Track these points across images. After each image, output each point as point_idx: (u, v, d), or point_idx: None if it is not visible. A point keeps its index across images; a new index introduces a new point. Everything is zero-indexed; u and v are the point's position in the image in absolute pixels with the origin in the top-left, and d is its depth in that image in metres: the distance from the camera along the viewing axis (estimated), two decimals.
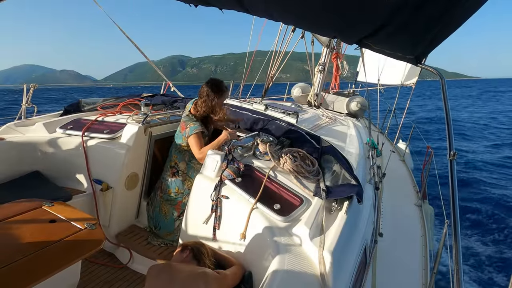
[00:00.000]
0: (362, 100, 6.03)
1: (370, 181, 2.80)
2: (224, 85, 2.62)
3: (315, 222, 1.85)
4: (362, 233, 2.03)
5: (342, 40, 1.68)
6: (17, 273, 1.34)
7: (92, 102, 3.64)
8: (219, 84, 2.59)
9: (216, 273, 1.72)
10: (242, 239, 1.94)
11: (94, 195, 2.74)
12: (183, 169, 2.71)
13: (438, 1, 1.08)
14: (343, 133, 4.09)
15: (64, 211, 1.81)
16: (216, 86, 2.56)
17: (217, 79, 2.65)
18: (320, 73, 6.06)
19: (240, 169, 2.22)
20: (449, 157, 1.55)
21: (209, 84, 2.56)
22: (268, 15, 1.59)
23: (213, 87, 2.54)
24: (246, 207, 1.98)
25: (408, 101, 6.75)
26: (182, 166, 2.71)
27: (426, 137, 10.22)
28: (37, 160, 2.86)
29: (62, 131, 2.97)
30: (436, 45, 1.33)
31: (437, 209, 4.99)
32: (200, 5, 1.74)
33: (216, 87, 2.55)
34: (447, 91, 1.69)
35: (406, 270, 3.00)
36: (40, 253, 1.47)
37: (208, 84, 2.57)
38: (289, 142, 2.67)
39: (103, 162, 2.79)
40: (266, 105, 3.86)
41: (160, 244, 2.66)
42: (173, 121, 3.24)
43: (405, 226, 3.76)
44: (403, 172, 5.68)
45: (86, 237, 1.64)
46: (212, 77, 2.66)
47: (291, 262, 1.60)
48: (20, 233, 1.57)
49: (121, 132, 2.85)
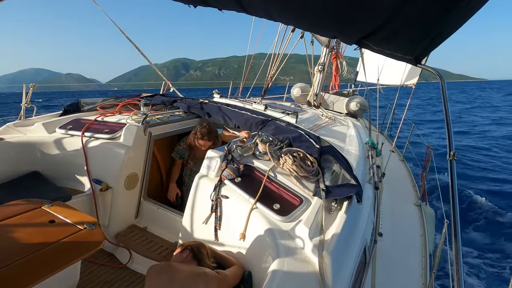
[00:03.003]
0: (361, 100, 6.03)
1: (370, 181, 2.80)
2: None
3: (314, 222, 1.85)
4: (361, 233, 2.03)
5: (341, 40, 1.68)
6: (16, 273, 1.34)
7: (91, 102, 3.63)
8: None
9: (216, 273, 1.72)
10: (241, 239, 1.95)
11: (94, 195, 2.73)
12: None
13: (439, 0, 1.08)
14: (342, 133, 4.09)
15: (64, 211, 1.81)
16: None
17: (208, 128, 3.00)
18: (319, 73, 6.06)
19: (239, 169, 2.22)
20: (449, 157, 1.55)
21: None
22: (268, 15, 1.59)
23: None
24: (245, 207, 1.98)
25: (408, 101, 6.75)
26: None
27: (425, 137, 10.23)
28: (37, 160, 2.85)
29: (62, 131, 2.97)
30: (436, 45, 1.33)
31: (437, 209, 4.99)
32: (200, 6, 1.73)
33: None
34: (447, 92, 1.70)
35: (406, 269, 3.01)
36: (40, 253, 1.47)
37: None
38: (288, 142, 2.67)
39: (102, 162, 2.78)
40: (265, 105, 3.86)
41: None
42: (172, 121, 3.24)
43: (405, 226, 3.76)
44: (403, 172, 5.68)
45: (85, 237, 1.64)
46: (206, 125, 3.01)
47: (291, 262, 1.60)
48: (20, 233, 1.57)
49: (120, 132, 2.84)
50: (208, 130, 2.96)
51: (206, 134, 2.94)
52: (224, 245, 2.09)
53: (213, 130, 3.00)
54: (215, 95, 4.44)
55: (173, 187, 3.26)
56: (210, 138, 2.97)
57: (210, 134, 2.96)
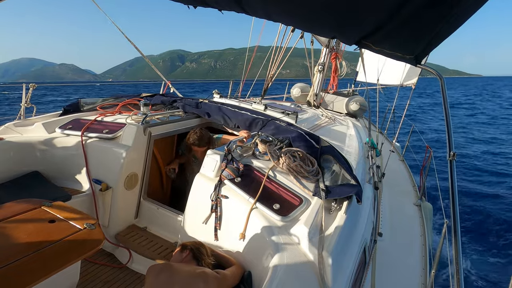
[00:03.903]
0: (361, 100, 6.04)
1: (370, 181, 2.80)
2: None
3: (314, 222, 1.85)
4: (361, 232, 2.03)
5: (341, 41, 1.68)
6: (16, 273, 1.34)
7: (91, 102, 3.63)
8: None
9: (216, 273, 1.72)
10: (241, 239, 1.95)
11: (94, 195, 2.73)
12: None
13: (439, 0, 1.08)
14: (342, 133, 4.10)
15: (64, 211, 1.81)
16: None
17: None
18: (319, 73, 6.06)
19: (239, 169, 2.22)
20: (449, 157, 1.55)
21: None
22: (267, 16, 1.59)
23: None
24: (245, 207, 1.98)
25: (408, 101, 6.76)
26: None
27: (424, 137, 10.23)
28: (37, 160, 2.85)
29: (62, 131, 2.97)
30: (436, 44, 1.33)
31: (437, 209, 4.98)
32: (200, 6, 1.74)
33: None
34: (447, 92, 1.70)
35: (406, 269, 3.01)
36: (40, 253, 1.47)
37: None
38: (288, 142, 2.67)
39: (102, 162, 2.78)
40: (265, 105, 3.86)
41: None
42: (172, 121, 3.24)
43: (405, 225, 3.76)
44: (403, 172, 5.69)
45: (85, 237, 1.64)
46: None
47: (290, 262, 1.60)
48: (20, 233, 1.57)
49: (120, 132, 2.84)
50: (199, 137, 3.01)
51: (196, 140, 3.01)
52: (224, 245, 2.09)
53: (204, 136, 3.05)
54: (215, 95, 4.44)
55: (173, 163, 3.41)
56: (200, 144, 3.03)
57: (200, 141, 3.02)
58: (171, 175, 3.36)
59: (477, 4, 1.10)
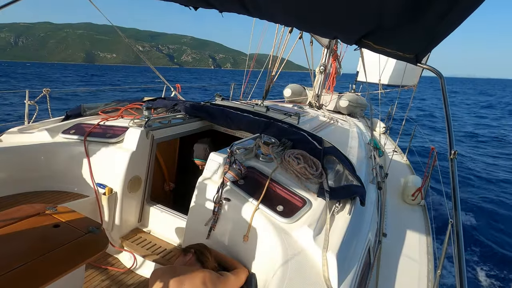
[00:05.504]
0: (351, 96, 6.02)
1: (373, 181, 2.79)
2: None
3: (318, 223, 1.84)
4: (365, 233, 2.02)
5: (342, 41, 1.68)
6: (21, 278, 1.35)
7: (93, 106, 3.66)
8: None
9: (220, 275, 1.72)
10: (245, 241, 1.94)
11: (97, 199, 2.74)
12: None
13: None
14: (345, 133, 4.09)
15: (68, 216, 1.82)
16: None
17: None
18: (321, 74, 6.06)
19: (242, 171, 2.22)
20: (450, 156, 1.55)
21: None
22: (269, 16, 1.60)
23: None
24: (248, 209, 1.97)
25: (411, 102, 6.74)
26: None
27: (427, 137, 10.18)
28: (40, 165, 2.87)
29: (65, 136, 2.98)
30: (436, 43, 1.33)
31: (440, 209, 4.96)
32: (200, 7, 1.74)
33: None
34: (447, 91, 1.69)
35: (410, 270, 2.99)
36: (44, 258, 1.47)
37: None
38: (291, 143, 2.67)
39: (105, 166, 2.79)
40: (267, 107, 3.86)
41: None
42: (174, 124, 3.25)
43: (409, 226, 3.74)
44: (406, 172, 5.66)
45: (89, 241, 1.64)
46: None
47: (295, 264, 1.60)
48: (24, 238, 1.58)
49: (123, 136, 2.85)
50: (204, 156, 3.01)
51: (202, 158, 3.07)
52: (227, 247, 2.09)
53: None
54: (217, 98, 4.45)
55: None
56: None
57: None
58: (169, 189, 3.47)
59: (476, 2, 1.10)
